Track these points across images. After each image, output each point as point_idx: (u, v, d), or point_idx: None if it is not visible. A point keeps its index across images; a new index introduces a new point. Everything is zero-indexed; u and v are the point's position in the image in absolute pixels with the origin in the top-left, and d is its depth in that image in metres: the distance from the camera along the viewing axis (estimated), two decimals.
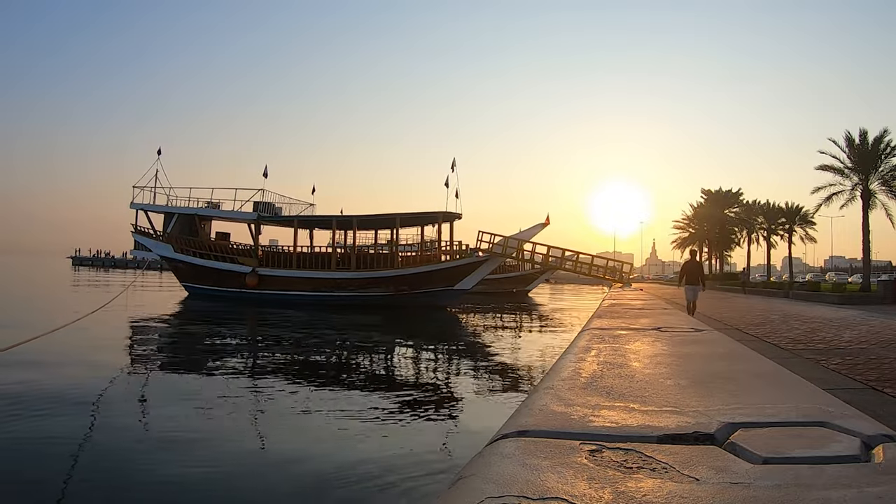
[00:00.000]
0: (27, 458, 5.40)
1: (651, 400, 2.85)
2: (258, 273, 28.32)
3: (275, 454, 5.63)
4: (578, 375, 3.60)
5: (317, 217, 31.59)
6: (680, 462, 1.89)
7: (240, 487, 4.85)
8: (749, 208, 55.18)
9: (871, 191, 29.18)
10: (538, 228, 29.04)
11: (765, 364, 4.49)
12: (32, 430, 6.14)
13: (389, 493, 4.69)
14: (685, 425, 2.32)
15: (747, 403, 2.77)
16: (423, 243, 31.95)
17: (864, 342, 7.05)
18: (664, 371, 3.85)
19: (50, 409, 6.92)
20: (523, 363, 12.29)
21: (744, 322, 10.45)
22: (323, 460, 5.44)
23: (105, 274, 64.86)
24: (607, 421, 2.42)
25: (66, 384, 8.32)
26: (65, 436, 5.89)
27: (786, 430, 2.28)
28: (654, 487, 1.66)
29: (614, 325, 7.69)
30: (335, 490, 4.77)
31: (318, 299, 27.26)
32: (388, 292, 27.48)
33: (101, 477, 5.00)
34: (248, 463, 5.40)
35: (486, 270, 28.78)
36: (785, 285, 32.31)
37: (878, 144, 29.19)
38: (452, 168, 30.23)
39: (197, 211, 30.64)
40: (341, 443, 6.04)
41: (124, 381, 9.15)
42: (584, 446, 2.05)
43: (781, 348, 6.63)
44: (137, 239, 31.23)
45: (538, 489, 1.63)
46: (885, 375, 4.66)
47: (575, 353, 4.77)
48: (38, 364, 9.24)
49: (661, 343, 5.63)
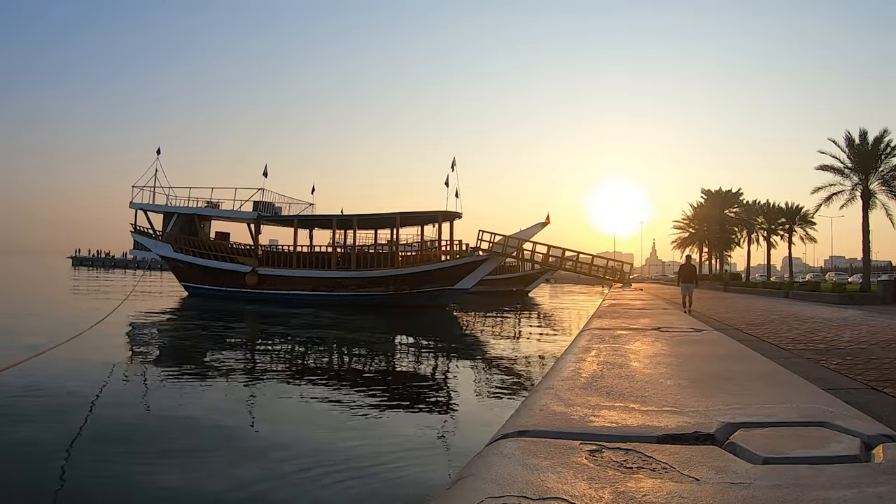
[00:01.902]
0: (26, 459, 5.41)
1: (651, 400, 2.85)
2: (258, 273, 28.31)
3: (274, 455, 5.63)
4: (578, 375, 3.60)
5: (317, 217, 31.58)
6: (680, 462, 1.89)
7: (239, 488, 4.85)
8: (749, 208, 55.16)
9: (871, 191, 29.16)
10: (538, 228, 29.03)
11: (765, 364, 4.49)
12: (27, 433, 6.14)
13: (388, 494, 4.69)
14: (685, 425, 2.32)
15: (747, 403, 2.77)
16: (423, 243, 31.95)
17: (864, 342, 7.05)
18: (664, 371, 3.85)
19: (45, 414, 6.93)
20: (523, 363, 12.29)
21: (744, 322, 10.45)
22: (322, 460, 5.44)
23: (105, 274, 64.84)
24: (607, 421, 2.42)
25: (66, 384, 8.32)
26: (57, 441, 5.88)
27: (786, 431, 2.29)
28: (654, 487, 1.66)
29: (614, 325, 7.69)
30: (334, 490, 4.77)
31: (318, 299, 27.26)
32: (388, 292, 27.47)
33: (100, 479, 5.00)
34: (246, 464, 5.40)
35: (485, 270, 28.77)
36: (785, 285, 32.26)
37: (878, 144, 29.17)
38: (452, 167, 30.26)
39: (196, 211, 30.62)
40: (340, 442, 6.04)
41: (124, 382, 9.16)
42: (584, 446, 2.05)
43: (781, 348, 6.63)
44: (137, 239, 31.22)
45: (538, 489, 1.62)
46: (885, 375, 4.66)
47: (575, 353, 4.78)
48: (39, 369, 9.23)
49: (661, 343, 5.63)
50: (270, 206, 30.86)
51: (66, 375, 8.90)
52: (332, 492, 4.74)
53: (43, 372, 8.68)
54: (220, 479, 5.00)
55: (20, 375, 8.02)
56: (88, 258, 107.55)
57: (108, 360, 10.55)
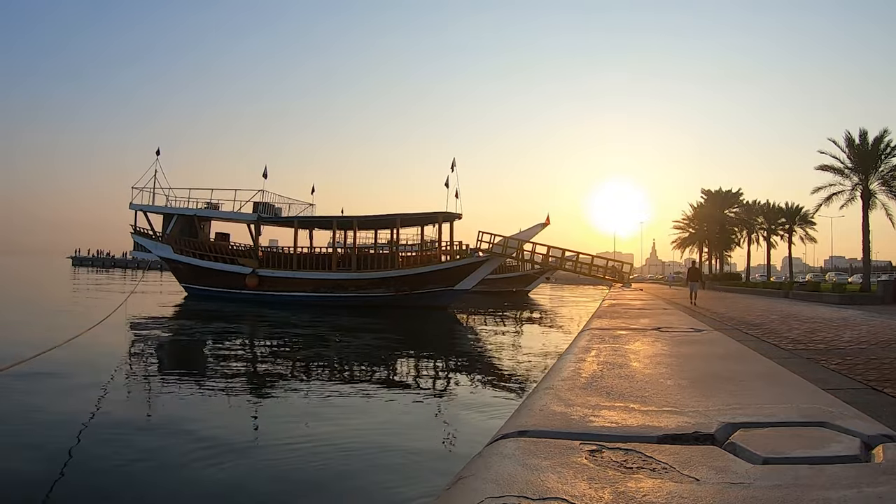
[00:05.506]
0: (25, 459, 5.41)
1: (651, 400, 2.85)
2: (258, 274, 28.30)
3: (274, 453, 5.63)
4: (578, 375, 3.60)
5: (317, 217, 31.57)
6: (680, 462, 1.89)
7: (239, 488, 4.85)
8: (749, 208, 55.14)
9: (871, 191, 29.15)
10: (538, 228, 29.02)
11: (764, 364, 4.49)
12: (27, 433, 6.14)
13: (388, 494, 4.69)
14: (685, 425, 2.32)
15: (747, 403, 2.77)
16: (424, 243, 31.94)
17: (864, 342, 7.05)
18: (664, 371, 3.85)
19: (45, 414, 6.93)
20: (523, 363, 12.29)
21: (744, 322, 10.46)
22: (321, 461, 5.44)
23: (105, 275, 64.81)
24: (607, 421, 2.42)
25: (66, 384, 8.33)
26: (57, 441, 5.88)
27: (786, 431, 2.28)
28: (654, 487, 1.66)
29: (614, 325, 7.70)
30: (333, 490, 4.77)
31: (319, 300, 27.25)
32: (389, 293, 27.46)
33: (98, 479, 5.00)
34: (247, 464, 5.40)
35: (486, 271, 28.77)
36: (785, 285, 32.25)
37: (878, 144, 29.16)
38: (452, 168, 30.26)
39: (196, 212, 30.61)
40: (339, 443, 6.04)
41: (124, 383, 9.16)
42: (584, 446, 2.05)
43: (781, 348, 6.63)
44: (137, 240, 31.20)
45: (538, 489, 1.62)
46: (885, 375, 4.66)
47: (575, 353, 4.78)
48: (39, 371, 9.23)
49: (661, 343, 5.64)
50: (270, 207, 30.85)
51: (66, 375, 8.90)
52: (332, 492, 4.74)
53: (43, 372, 8.68)
54: (220, 478, 5.00)
55: (20, 375, 8.02)
56: (88, 258, 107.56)
57: (108, 360, 10.55)
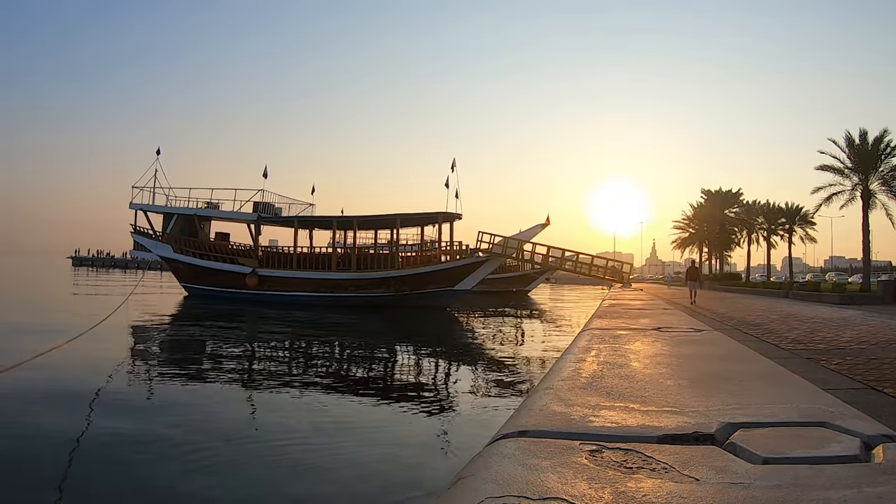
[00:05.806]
0: (27, 458, 5.41)
1: (651, 400, 2.85)
2: (258, 273, 28.31)
3: (274, 455, 5.62)
4: (578, 375, 3.60)
5: (317, 217, 31.58)
6: (680, 462, 1.89)
7: (239, 488, 4.85)
8: (749, 208, 55.14)
9: (871, 191, 29.15)
10: (538, 229, 29.04)
11: (764, 364, 4.50)
12: (26, 434, 6.15)
13: (388, 494, 4.69)
14: (685, 425, 2.32)
15: (747, 403, 2.77)
16: (424, 244, 31.95)
17: (864, 342, 7.05)
18: (664, 371, 3.86)
19: (44, 414, 6.93)
20: (523, 363, 12.29)
21: (744, 322, 10.45)
22: (321, 461, 5.43)
23: (105, 275, 64.81)
24: (607, 421, 2.42)
25: (66, 384, 8.33)
26: (56, 441, 5.89)
27: (786, 431, 2.29)
28: (654, 487, 1.66)
29: (614, 325, 7.70)
30: (333, 490, 4.76)
31: (319, 300, 27.25)
32: (389, 293, 27.47)
33: (97, 479, 5.00)
34: (247, 464, 5.40)
35: (486, 271, 28.78)
36: (785, 285, 32.25)
37: (878, 144, 29.16)
38: (452, 168, 30.26)
39: (196, 211, 30.62)
40: (339, 443, 6.04)
41: (124, 383, 9.16)
42: (584, 446, 2.05)
43: (781, 348, 6.63)
44: (137, 239, 31.21)
45: (538, 489, 1.63)
46: (885, 375, 4.66)
47: (575, 353, 4.78)
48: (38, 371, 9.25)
49: (661, 343, 5.64)
50: (270, 207, 30.86)
51: (65, 376, 8.90)
52: (331, 493, 4.73)
53: (43, 372, 8.68)
54: (220, 479, 5.00)
55: (21, 376, 8.02)
56: (88, 258, 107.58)
57: (107, 361, 10.55)
